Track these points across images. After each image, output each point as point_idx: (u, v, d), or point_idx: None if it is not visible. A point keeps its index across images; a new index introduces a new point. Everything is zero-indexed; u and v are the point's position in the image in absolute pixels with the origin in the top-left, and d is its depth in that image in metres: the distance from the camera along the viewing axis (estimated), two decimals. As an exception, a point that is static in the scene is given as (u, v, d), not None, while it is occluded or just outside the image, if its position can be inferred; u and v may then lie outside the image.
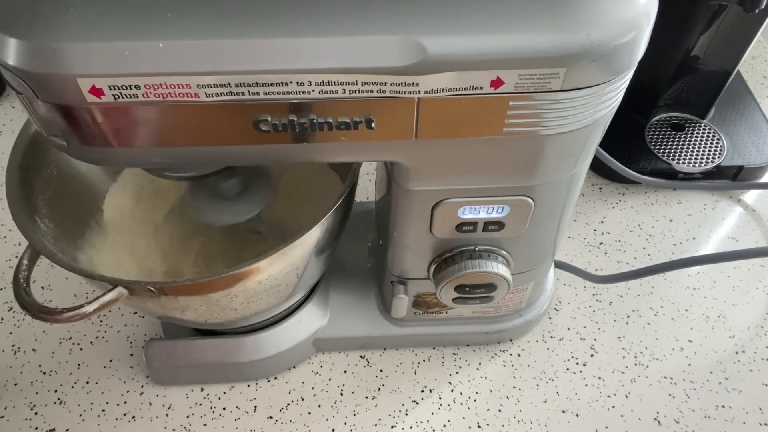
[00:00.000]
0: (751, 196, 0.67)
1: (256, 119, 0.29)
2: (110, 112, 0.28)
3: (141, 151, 0.31)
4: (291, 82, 0.28)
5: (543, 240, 0.44)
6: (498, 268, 0.42)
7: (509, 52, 0.27)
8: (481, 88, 0.29)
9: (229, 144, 0.31)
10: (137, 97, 0.28)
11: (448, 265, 0.42)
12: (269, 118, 0.29)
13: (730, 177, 0.67)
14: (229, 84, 0.28)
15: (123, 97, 0.28)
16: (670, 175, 0.66)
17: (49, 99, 0.28)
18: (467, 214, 0.38)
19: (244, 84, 0.28)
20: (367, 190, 0.67)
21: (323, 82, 0.28)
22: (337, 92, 0.28)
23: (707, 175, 0.66)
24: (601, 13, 0.27)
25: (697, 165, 0.65)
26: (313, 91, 0.28)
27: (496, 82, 0.28)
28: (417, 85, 0.28)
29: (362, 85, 0.28)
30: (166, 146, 0.31)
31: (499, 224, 0.39)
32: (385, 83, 0.28)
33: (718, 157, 0.66)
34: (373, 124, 0.30)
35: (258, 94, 0.28)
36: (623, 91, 0.32)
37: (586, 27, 0.27)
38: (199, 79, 0.27)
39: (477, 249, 0.42)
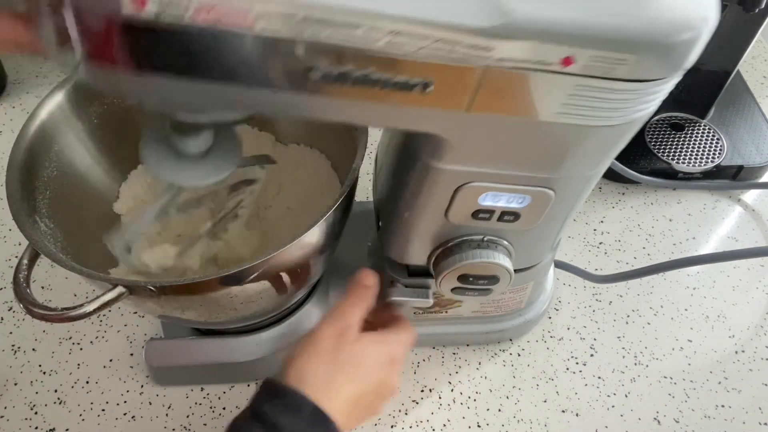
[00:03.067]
0: (750, 195, 0.67)
1: (309, 64, 0.27)
2: (146, 29, 0.25)
3: (166, 83, 0.27)
4: (362, 26, 0.25)
5: (546, 237, 0.43)
6: (505, 260, 0.41)
7: (590, 28, 0.27)
8: (550, 65, 0.28)
9: (270, 87, 0.28)
10: (182, 19, 0.24)
11: (455, 252, 0.41)
12: (324, 65, 0.27)
13: (730, 177, 0.67)
14: (294, 16, 0.25)
15: (166, 15, 0.24)
16: (670, 174, 0.66)
17: (80, 2, 0.24)
18: (487, 201, 0.37)
19: (309, 20, 0.25)
20: (367, 190, 0.67)
21: (395, 31, 0.26)
22: (405, 45, 0.26)
23: (707, 174, 0.66)
24: (681, 8, 0.27)
25: (696, 165, 0.65)
26: (382, 40, 0.26)
27: (567, 60, 0.28)
28: (490, 50, 0.27)
29: (434, 42, 0.26)
30: (198, 80, 0.27)
31: (515, 215, 0.38)
32: (459, 43, 0.27)
33: (718, 157, 0.66)
34: (429, 89, 0.28)
35: (319, 35, 0.26)
36: (667, 94, 0.32)
37: (668, 20, 0.27)
38: (262, 7, 0.24)
39: (485, 239, 0.41)
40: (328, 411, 0.35)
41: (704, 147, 0.67)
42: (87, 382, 0.52)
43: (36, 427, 0.50)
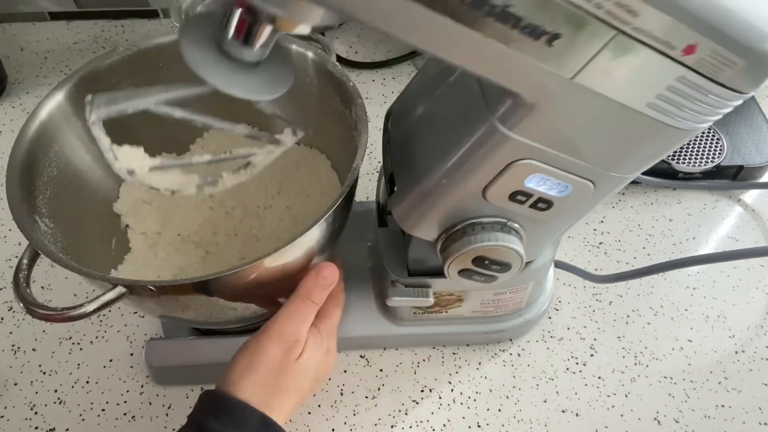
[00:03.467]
0: (750, 195, 0.67)
1: None
2: None
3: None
4: None
5: (554, 233, 0.43)
6: (522, 249, 0.41)
7: (726, 22, 0.27)
8: (673, 49, 0.28)
9: None
10: None
11: (477, 232, 0.40)
12: None
13: (730, 177, 0.67)
14: None
15: None
16: (670, 174, 0.66)
17: None
18: (532, 183, 0.36)
19: None
20: (367, 190, 0.67)
21: None
22: None
23: (707, 174, 0.66)
24: None
25: (696, 165, 0.65)
26: None
27: (690, 49, 0.28)
28: (636, 16, 0.27)
29: None
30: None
31: (548, 204, 0.38)
32: None
33: (718, 157, 0.66)
34: (556, 41, 0.28)
35: None
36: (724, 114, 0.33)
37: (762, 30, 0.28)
38: None
39: (507, 224, 0.40)
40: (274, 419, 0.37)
41: (704, 147, 0.67)
42: (87, 382, 0.52)
43: (36, 427, 0.50)
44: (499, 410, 0.51)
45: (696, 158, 0.66)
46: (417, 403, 0.52)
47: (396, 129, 0.45)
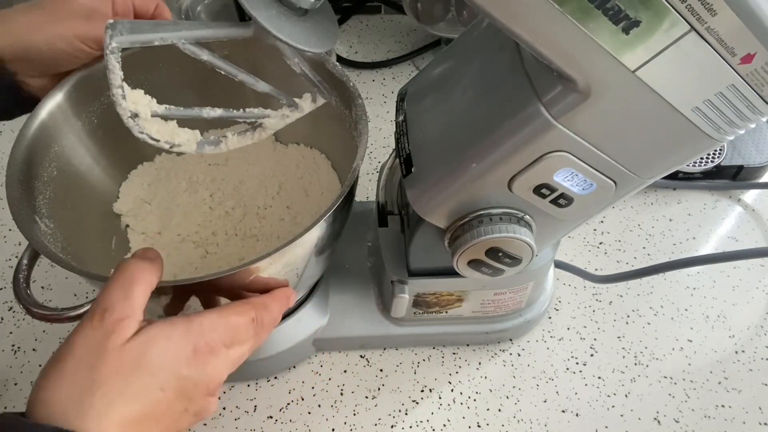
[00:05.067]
0: (750, 195, 0.67)
1: None
2: None
3: None
4: None
5: (560, 233, 0.43)
6: (534, 244, 0.40)
7: None
8: (733, 56, 0.28)
9: None
10: None
11: (495, 222, 0.39)
12: None
13: (730, 177, 0.67)
14: None
15: None
16: (670, 174, 0.66)
17: None
18: (559, 177, 0.36)
19: None
20: (367, 190, 0.67)
21: None
22: None
23: (707, 174, 0.66)
24: None
25: (696, 164, 0.65)
26: None
27: (748, 58, 0.28)
28: (714, 15, 0.27)
29: None
30: None
31: (569, 201, 0.38)
32: None
33: (718, 157, 0.66)
34: (633, 30, 0.28)
35: None
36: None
37: None
38: None
39: (525, 217, 0.40)
40: None
41: (704, 147, 0.67)
42: (87, 382, 0.52)
43: (36, 427, 0.50)
44: (499, 410, 0.51)
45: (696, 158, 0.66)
46: (417, 403, 0.52)
47: (415, 109, 0.43)
